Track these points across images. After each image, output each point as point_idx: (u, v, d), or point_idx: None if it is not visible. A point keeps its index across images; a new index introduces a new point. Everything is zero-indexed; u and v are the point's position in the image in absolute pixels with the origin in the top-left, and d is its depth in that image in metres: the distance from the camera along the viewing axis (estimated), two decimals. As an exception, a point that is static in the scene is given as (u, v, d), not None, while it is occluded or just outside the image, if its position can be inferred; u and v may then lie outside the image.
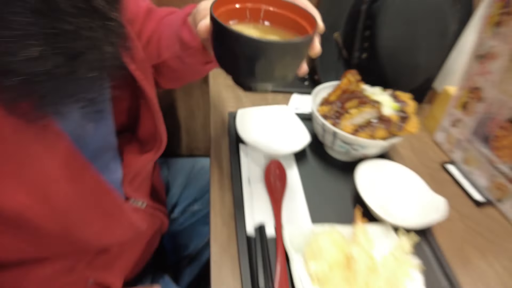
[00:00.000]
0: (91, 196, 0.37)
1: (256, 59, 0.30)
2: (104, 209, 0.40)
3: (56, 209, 0.33)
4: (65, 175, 0.32)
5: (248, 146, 0.57)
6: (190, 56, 0.44)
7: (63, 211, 0.34)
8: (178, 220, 0.78)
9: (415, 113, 0.55)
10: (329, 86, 0.62)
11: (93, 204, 0.38)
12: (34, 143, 0.28)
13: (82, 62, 0.25)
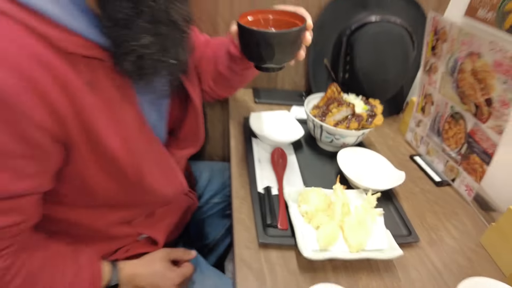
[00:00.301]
0: (154, 151, 0.57)
1: (264, 46, 0.52)
2: (163, 163, 0.59)
3: (132, 152, 0.51)
4: (138, 127, 0.52)
5: (258, 138, 0.77)
6: (236, 64, 0.67)
7: (137, 156, 0.52)
8: (202, 209, 0.95)
9: (381, 113, 0.75)
10: (318, 96, 0.83)
11: (155, 158, 0.57)
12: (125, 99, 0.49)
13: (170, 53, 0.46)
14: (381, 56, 0.85)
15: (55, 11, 0.38)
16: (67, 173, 0.47)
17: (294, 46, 0.55)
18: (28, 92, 0.36)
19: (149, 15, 0.42)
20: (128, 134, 0.50)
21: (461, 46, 0.63)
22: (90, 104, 0.43)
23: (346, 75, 0.92)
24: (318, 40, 0.95)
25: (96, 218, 0.58)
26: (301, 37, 0.56)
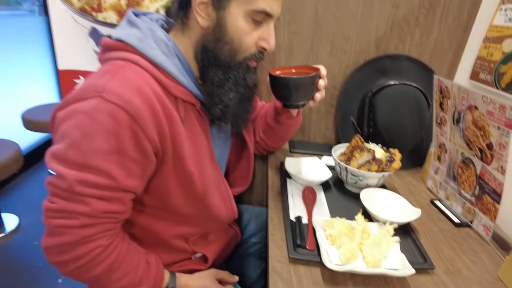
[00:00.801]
0: (216, 178, 0.75)
1: (285, 88, 0.72)
2: (221, 189, 0.77)
3: (202, 174, 0.69)
4: (209, 156, 0.70)
5: (292, 178, 0.91)
6: (279, 115, 0.89)
7: (205, 178, 0.70)
8: (241, 247, 1.07)
9: (399, 159, 0.87)
10: (344, 146, 0.97)
11: (217, 183, 0.75)
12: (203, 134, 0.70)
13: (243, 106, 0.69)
14: (399, 113, 0.99)
15: (172, 69, 0.63)
16: (153, 184, 0.66)
17: (309, 89, 0.75)
18: (150, 115, 0.57)
19: (233, 80, 0.67)
20: (201, 160, 0.70)
21: (461, 100, 0.76)
22: (182, 132, 0.64)
23: (370, 130, 1.06)
24: (345, 101, 1.12)
25: (164, 230, 0.73)
26: (314, 83, 0.75)
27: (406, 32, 1.06)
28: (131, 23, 0.65)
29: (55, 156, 0.55)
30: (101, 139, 0.54)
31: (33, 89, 2.39)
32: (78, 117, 0.54)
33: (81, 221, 0.56)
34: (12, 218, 1.85)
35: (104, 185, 0.56)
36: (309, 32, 1.07)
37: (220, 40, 0.64)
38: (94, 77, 0.58)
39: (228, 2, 0.62)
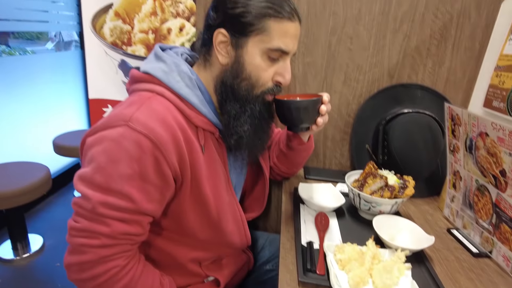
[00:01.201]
0: (231, 204, 0.77)
1: (287, 111, 0.75)
2: (235, 215, 0.79)
3: (217, 199, 0.72)
4: (225, 182, 0.74)
5: (305, 204, 0.92)
6: (290, 141, 0.92)
7: (220, 203, 0.73)
8: (255, 274, 1.07)
9: (413, 186, 0.87)
10: (358, 173, 0.98)
11: (231, 209, 0.78)
12: (221, 161, 0.74)
13: (258, 137, 0.74)
14: (413, 140, 1.00)
15: (194, 101, 0.68)
16: (171, 208, 0.70)
17: (308, 113, 0.78)
18: (172, 143, 0.61)
19: (249, 113, 0.71)
20: (217, 186, 0.73)
21: (472, 127, 0.77)
22: (200, 159, 0.68)
23: (385, 157, 1.07)
24: (359, 129, 1.14)
25: (180, 253, 0.76)
26: (315, 107, 0.78)
27: (418, 62, 1.09)
28: (158, 58, 0.70)
29: (82, 179, 0.60)
30: (125, 165, 0.58)
31: (65, 116, 2.55)
32: (105, 143, 0.59)
33: (102, 241, 0.59)
34: (37, 238, 1.93)
35: (125, 208, 0.59)
36: (323, 63, 1.12)
37: (238, 76, 0.69)
38: (122, 107, 0.63)
39: (245, 42, 0.66)
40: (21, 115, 2.13)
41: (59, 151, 2.15)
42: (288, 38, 0.68)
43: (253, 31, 0.66)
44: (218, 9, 0.68)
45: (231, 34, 0.67)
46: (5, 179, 1.61)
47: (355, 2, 1.05)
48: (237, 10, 0.65)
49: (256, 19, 0.65)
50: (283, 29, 0.66)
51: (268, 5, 0.65)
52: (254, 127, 0.73)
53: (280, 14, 0.65)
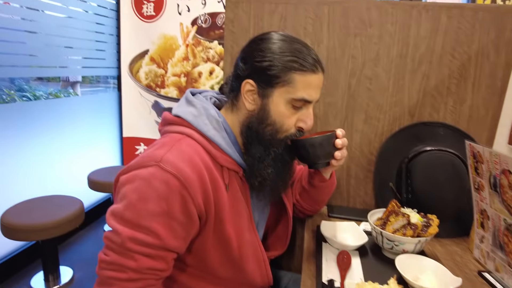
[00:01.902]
0: (253, 243, 0.79)
1: (302, 148, 0.77)
2: (257, 254, 0.81)
3: (240, 237, 0.75)
4: (247, 221, 0.76)
5: (327, 242, 0.93)
6: (312, 178, 0.94)
7: (242, 242, 0.75)
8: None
9: (437, 225, 0.85)
10: (382, 211, 0.97)
11: (253, 248, 0.80)
12: (244, 200, 0.77)
13: (280, 179, 0.78)
14: (436, 179, 0.99)
15: (220, 142, 0.73)
16: (194, 245, 0.73)
17: (325, 148, 0.79)
18: (198, 183, 0.66)
19: (272, 156, 0.75)
20: (240, 224, 0.77)
21: (494, 165, 0.77)
22: (224, 197, 0.72)
23: (409, 195, 1.06)
24: (382, 167, 1.15)
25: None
26: (330, 142, 0.80)
27: (439, 101, 1.10)
28: (188, 102, 0.77)
29: (113, 214, 0.65)
30: (154, 203, 0.63)
31: (100, 152, 2.70)
32: (137, 182, 0.64)
33: (128, 275, 0.63)
34: (67, 270, 1.99)
35: (151, 244, 0.63)
36: (343, 103, 1.16)
37: (263, 122, 0.73)
38: (154, 148, 0.69)
39: (271, 92, 0.72)
40: (60, 151, 2.29)
41: (93, 186, 2.27)
42: (311, 89, 0.72)
43: (279, 83, 0.71)
44: (246, 61, 0.74)
45: (258, 85, 0.72)
46: (42, 211, 1.71)
47: (372, 46, 1.11)
48: (264, 64, 0.70)
49: (281, 72, 0.70)
50: (307, 81, 0.71)
51: (293, 59, 0.70)
52: (277, 169, 0.76)
53: (304, 67, 0.70)
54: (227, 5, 1.18)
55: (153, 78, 2.66)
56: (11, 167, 1.94)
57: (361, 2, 1.09)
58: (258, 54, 0.72)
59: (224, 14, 2.41)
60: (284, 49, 0.71)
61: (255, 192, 0.84)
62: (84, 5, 2.43)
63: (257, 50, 0.73)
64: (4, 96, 2.78)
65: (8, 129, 1.90)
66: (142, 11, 2.58)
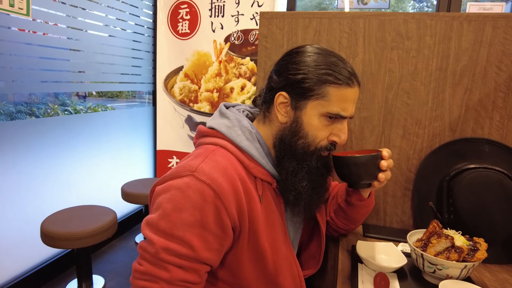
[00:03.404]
0: (289, 258, 0.77)
1: (345, 167, 0.74)
2: (293, 270, 0.78)
3: (275, 252, 0.73)
4: (282, 236, 0.75)
5: (363, 263, 0.88)
6: (349, 196, 0.91)
7: (277, 257, 0.73)
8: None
9: (485, 249, 0.79)
10: (422, 231, 0.92)
11: (289, 264, 0.77)
12: (278, 213, 0.76)
13: (315, 192, 0.75)
14: (482, 199, 0.92)
15: (254, 153, 0.73)
16: (228, 259, 0.72)
17: (369, 169, 0.76)
18: (232, 193, 0.65)
19: (306, 169, 0.74)
20: (275, 237, 0.75)
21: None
22: (258, 209, 0.71)
23: (451, 216, 0.99)
24: (422, 185, 1.09)
25: None
26: (375, 163, 0.77)
27: (483, 116, 1.04)
28: (222, 114, 0.78)
29: (148, 224, 0.65)
30: (188, 213, 0.63)
31: (134, 164, 2.79)
32: (172, 191, 0.64)
33: (161, 286, 0.62)
34: (99, 280, 2.03)
35: (184, 255, 0.63)
36: (379, 117, 1.12)
37: (296, 135, 0.73)
38: (189, 159, 0.70)
39: (305, 104, 0.71)
40: (96, 162, 2.38)
41: (126, 198, 2.33)
42: (346, 103, 0.71)
43: (313, 96, 0.70)
44: (281, 74, 0.74)
45: (292, 97, 0.72)
46: (79, 220, 1.77)
47: (410, 59, 1.07)
48: (298, 77, 0.70)
49: (316, 85, 0.69)
50: (342, 95, 0.70)
51: (328, 72, 0.69)
52: (312, 183, 0.75)
53: (339, 81, 0.69)
54: (260, 21, 1.19)
55: (186, 93, 2.74)
56: (52, 177, 2.04)
57: (398, 15, 1.06)
58: (293, 66, 0.72)
59: (256, 31, 2.45)
60: (319, 62, 0.70)
61: (290, 206, 0.82)
62: (124, 24, 2.56)
63: (291, 63, 0.73)
64: (48, 110, 2.95)
65: (51, 141, 2.01)
66: (178, 29, 2.68)
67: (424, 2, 6.80)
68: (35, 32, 1.89)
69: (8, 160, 1.77)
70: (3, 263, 1.78)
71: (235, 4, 2.48)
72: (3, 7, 1.62)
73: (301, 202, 0.76)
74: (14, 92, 2.92)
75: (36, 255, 1.95)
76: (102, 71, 2.40)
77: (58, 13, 2.00)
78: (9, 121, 1.95)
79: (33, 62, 1.92)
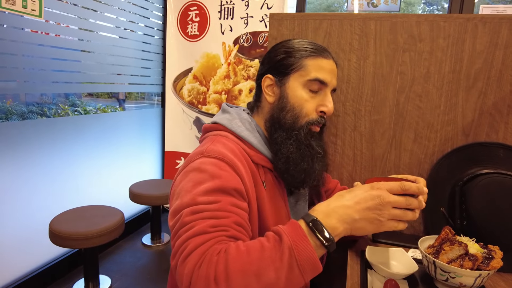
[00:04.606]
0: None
1: None
2: None
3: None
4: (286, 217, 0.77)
5: (373, 269, 0.86)
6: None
7: None
8: None
9: (500, 258, 0.76)
10: (433, 238, 0.89)
11: None
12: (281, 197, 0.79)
13: (305, 161, 0.79)
14: (498, 205, 0.90)
15: (253, 141, 0.77)
16: None
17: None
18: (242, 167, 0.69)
19: (294, 138, 0.77)
20: (279, 219, 0.77)
21: None
22: (264, 193, 0.74)
23: (464, 222, 0.97)
24: (433, 190, 1.06)
25: None
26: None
27: (498, 120, 1.01)
28: (223, 111, 0.85)
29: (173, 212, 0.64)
30: (208, 182, 0.64)
31: (142, 165, 2.80)
32: (189, 175, 0.67)
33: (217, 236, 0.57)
34: (106, 279, 2.04)
35: (213, 208, 0.60)
36: (391, 121, 1.10)
37: (284, 109, 0.78)
38: (198, 148, 0.74)
39: (287, 79, 0.79)
40: (105, 162, 2.40)
41: (133, 198, 2.34)
42: (324, 71, 0.78)
43: (293, 69, 0.78)
44: (264, 61, 0.84)
45: (275, 77, 0.80)
46: (87, 220, 1.78)
47: (423, 62, 1.05)
48: (279, 57, 0.80)
49: (295, 59, 0.78)
50: (319, 64, 0.78)
51: (305, 48, 0.79)
52: (300, 150, 0.78)
53: (314, 53, 0.78)
54: (270, 23, 1.19)
55: (195, 95, 2.74)
56: (61, 176, 2.05)
57: (411, 16, 1.04)
58: (274, 52, 0.82)
59: (265, 33, 2.45)
60: (297, 43, 0.81)
61: (293, 196, 0.86)
62: (134, 26, 2.58)
63: (273, 51, 0.83)
64: (59, 111, 2.99)
65: (61, 141, 2.03)
66: (187, 31, 2.69)
67: (435, 5, 6.74)
68: (47, 33, 1.92)
69: (18, 159, 1.79)
70: (11, 261, 1.79)
71: (244, 6, 2.48)
72: (16, 8, 1.64)
73: (291, 170, 0.77)
74: (26, 93, 2.97)
75: (44, 254, 1.97)
76: (112, 72, 2.42)
77: (70, 15, 2.03)
78: (20, 121, 1.97)
79: (45, 63, 1.95)
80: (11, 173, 1.76)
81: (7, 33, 1.69)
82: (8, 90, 1.98)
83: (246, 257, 0.53)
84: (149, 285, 2.04)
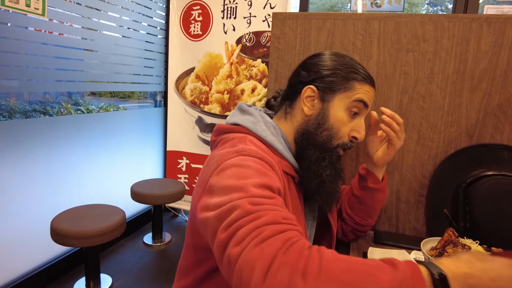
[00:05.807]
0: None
1: None
2: None
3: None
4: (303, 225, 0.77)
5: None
6: (365, 181, 0.93)
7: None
8: None
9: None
10: (436, 240, 0.88)
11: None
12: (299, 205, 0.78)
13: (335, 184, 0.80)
14: (502, 208, 0.89)
15: (278, 146, 0.75)
16: None
17: None
18: (276, 167, 0.68)
19: (328, 160, 0.77)
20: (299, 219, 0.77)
21: None
22: (288, 197, 0.72)
23: (467, 224, 0.96)
24: (436, 191, 1.06)
25: None
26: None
27: (503, 121, 1.00)
28: (244, 112, 0.80)
29: (206, 207, 0.58)
30: (254, 177, 0.58)
31: (144, 165, 2.80)
32: (228, 170, 0.60)
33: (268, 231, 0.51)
34: (107, 278, 2.04)
35: (269, 196, 0.57)
36: (393, 121, 1.09)
37: (321, 126, 0.77)
38: (226, 148, 0.68)
39: (333, 97, 0.76)
40: (107, 161, 2.40)
41: (135, 197, 2.34)
42: (368, 96, 0.78)
43: (341, 89, 0.76)
44: (310, 69, 0.79)
45: (320, 90, 0.77)
46: (88, 219, 1.78)
47: (426, 62, 1.05)
48: (328, 72, 0.77)
49: (344, 79, 0.76)
50: (365, 89, 0.77)
51: (354, 70, 0.77)
52: (333, 173, 0.78)
53: (364, 79, 0.77)
54: (273, 22, 1.18)
55: (197, 94, 2.74)
56: (63, 175, 2.06)
57: (415, 16, 1.04)
58: (322, 64, 0.79)
59: (268, 33, 2.45)
60: (344, 62, 0.78)
61: (308, 203, 0.85)
62: (137, 25, 2.59)
63: (320, 61, 0.79)
64: (62, 110, 3.00)
65: (63, 139, 2.03)
66: (190, 31, 2.69)
67: (439, 6, 6.70)
68: (51, 32, 1.92)
69: (21, 158, 1.79)
70: (13, 260, 1.80)
71: (247, 6, 2.48)
72: (20, 7, 1.64)
73: (322, 192, 0.78)
74: (30, 91, 2.97)
75: (45, 252, 1.97)
76: (115, 71, 2.42)
77: (73, 14, 2.03)
78: (23, 119, 1.98)
79: (48, 62, 1.95)
80: (13, 171, 1.76)
81: (11, 32, 1.69)
82: (11, 88, 1.99)
83: (345, 265, 0.46)
84: (150, 285, 2.04)
